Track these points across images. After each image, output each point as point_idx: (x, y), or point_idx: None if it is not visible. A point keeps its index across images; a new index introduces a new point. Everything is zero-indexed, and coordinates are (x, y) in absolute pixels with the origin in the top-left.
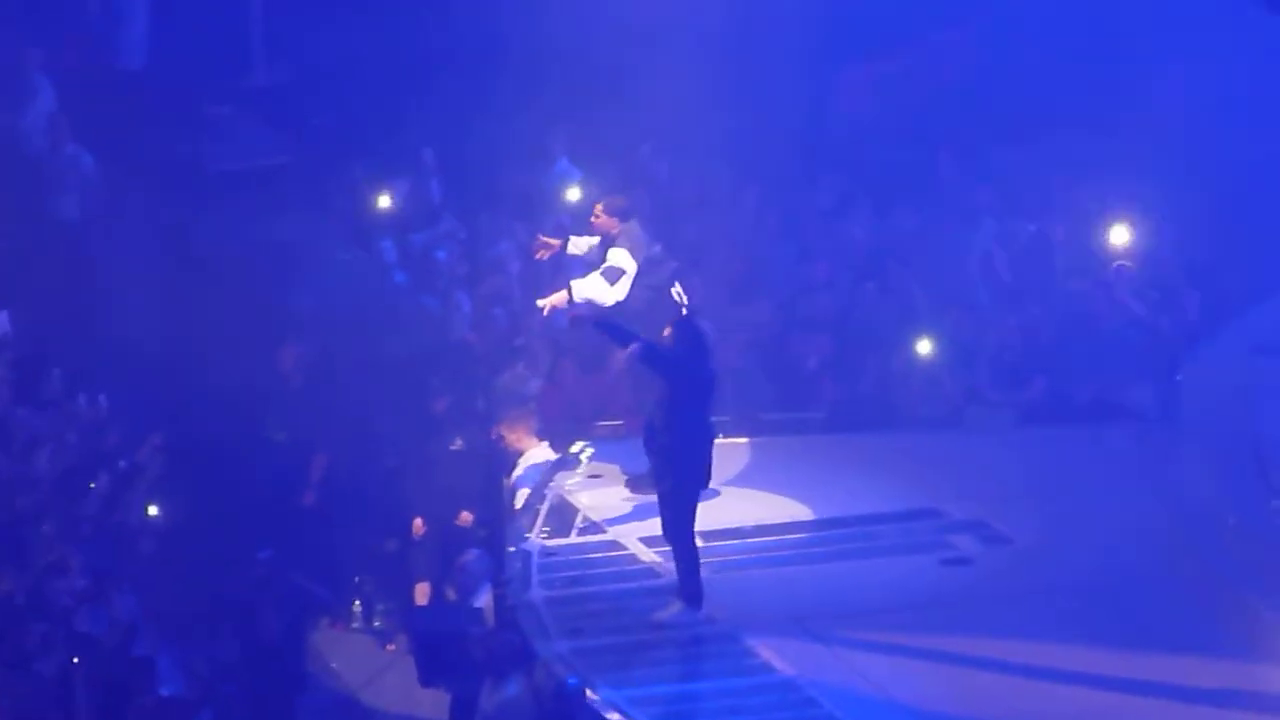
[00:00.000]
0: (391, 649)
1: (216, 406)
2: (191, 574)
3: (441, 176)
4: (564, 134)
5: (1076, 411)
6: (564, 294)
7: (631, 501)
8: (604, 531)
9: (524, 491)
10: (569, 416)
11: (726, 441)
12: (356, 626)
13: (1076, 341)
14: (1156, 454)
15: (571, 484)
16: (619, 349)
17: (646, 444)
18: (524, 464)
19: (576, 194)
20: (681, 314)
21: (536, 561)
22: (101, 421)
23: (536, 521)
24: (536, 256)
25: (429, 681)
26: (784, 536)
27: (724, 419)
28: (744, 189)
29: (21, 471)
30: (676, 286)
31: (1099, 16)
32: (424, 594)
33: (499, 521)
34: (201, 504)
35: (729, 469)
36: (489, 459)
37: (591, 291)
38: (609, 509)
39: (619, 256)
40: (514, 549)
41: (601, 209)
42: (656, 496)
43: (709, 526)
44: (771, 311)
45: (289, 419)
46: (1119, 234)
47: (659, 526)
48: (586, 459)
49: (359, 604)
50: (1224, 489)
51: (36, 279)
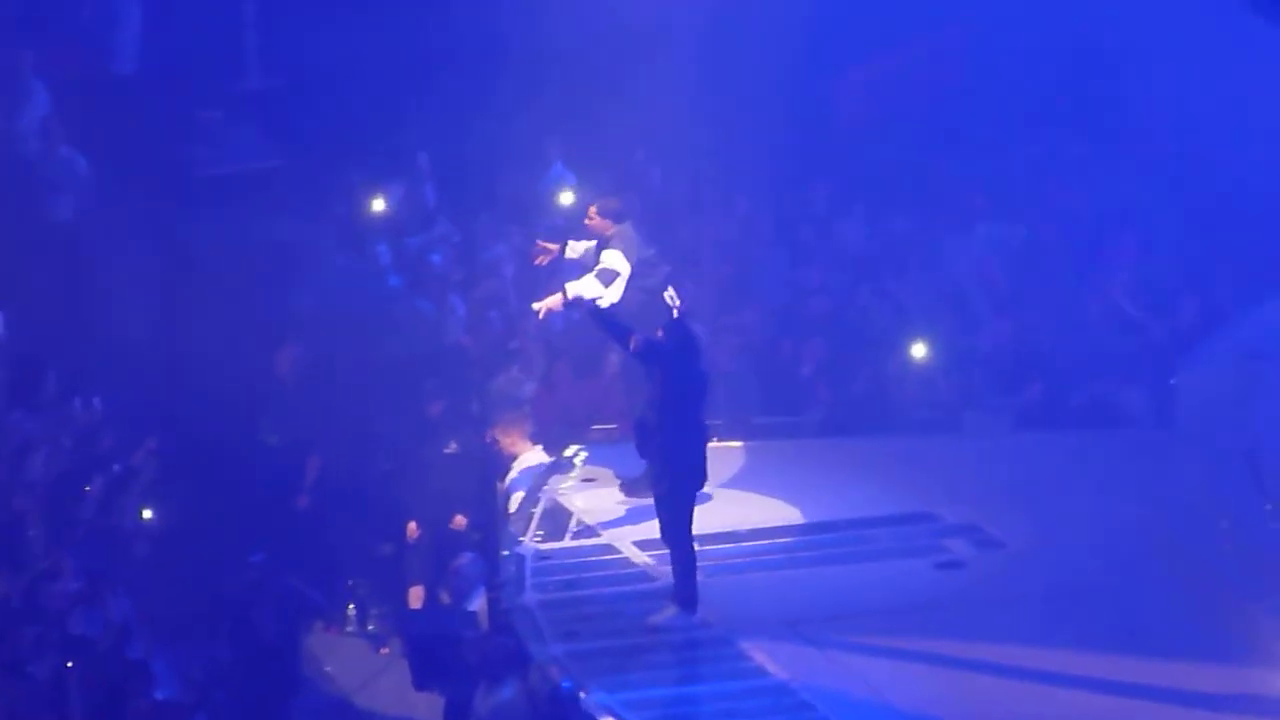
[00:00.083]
0: (386, 652)
1: (211, 409)
2: (186, 577)
3: (436, 180)
4: (559, 138)
5: (1071, 415)
6: (559, 297)
7: (625, 505)
8: (598, 535)
9: (518, 495)
10: (563, 420)
11: (720, 445)
12: (351, 630)
13: (1071, 346)
14: (1151, 458)
15: (566, 487)
16: (616, 343)
17: (640, 445)
18: (518, 468)
19: (570, 198)
20: (673, 316)
21: (530, 565)
22: (96, 424)
23: (530, 525)
24: (535, 262)
25: (423, 685)
26: (778, 540)
27: (717, 423)
28: (737, 193)
29: (16, 475)
30: (669, 290)
31: (1091, 20)
32: (418, 597)
33: (493, 525)
34: (196, 507)
35: (723, 473)
36: (483, 462)
37: (587, 293)
38: (603, 512)
39: (613, 258)
40: (508, 553)
41: (595, 211)
42: (653, 499)
43: (703, 530)
44: (765, 315)
45: (283, 422)
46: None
47: (653, 530)
48: (580, 463)
49: (353, 607)
50: (1218, 493)
51: (31, 282)
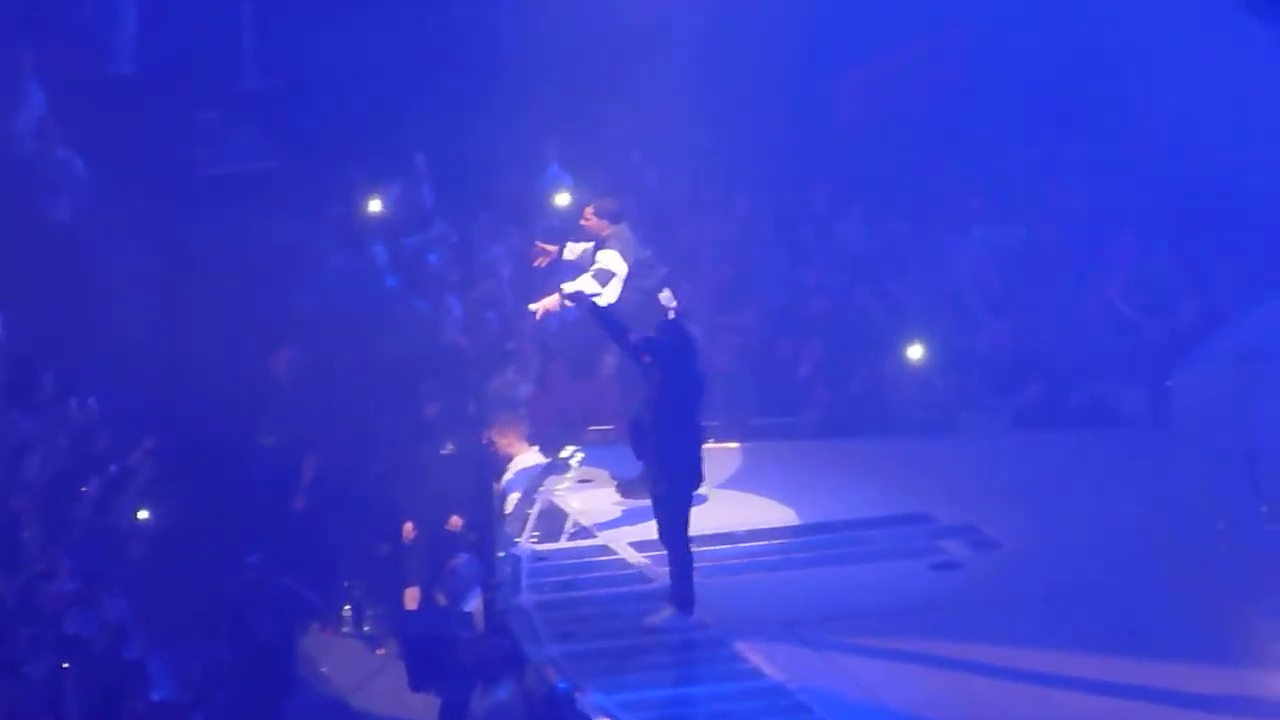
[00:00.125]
0: (382, 653)
1: (208, 410)
2: (183, 577)
3: (434, 181)
4: (556, 139)
5: (1068, 416)
6: (556, 297)
7: (621, 506)
8: (594, 536)
9: (514, 496)
10: (559, 421)
11: (717, 446)
12: (347, 630)
13: (1068, 346)
14: (1148, 459)
15: (562, 488)
16: (614, 341)
17: (635, 445)
18: (514, 468)
19: (567, 199)
20: (669, 317)
21: (526, 566)
22: (93, 425)
23: (526, 526)
24: (534, 264)
25: (419, 686)
26: (775, 541)
27: (715, 424)
28: (735, 194)
29: (12, 475)
30: (665, 291)
31: (1089, 21)
32: (414, 598)
33: (489, 526)
34: (193, 507)
35: (720, 473)
36: (479, 463)
37: (584, 290)
38: (599, 513)
39: (609, 258)
40: (504, 553)
41: (592, 211)
42: (651, 500)
43: (700, 531)
44: (763, 316)
45: (280, 422)
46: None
47: (650, 531)
48: (576, 463)
49: (349, 608)
50: (1215, 494)
51: (27, 282)
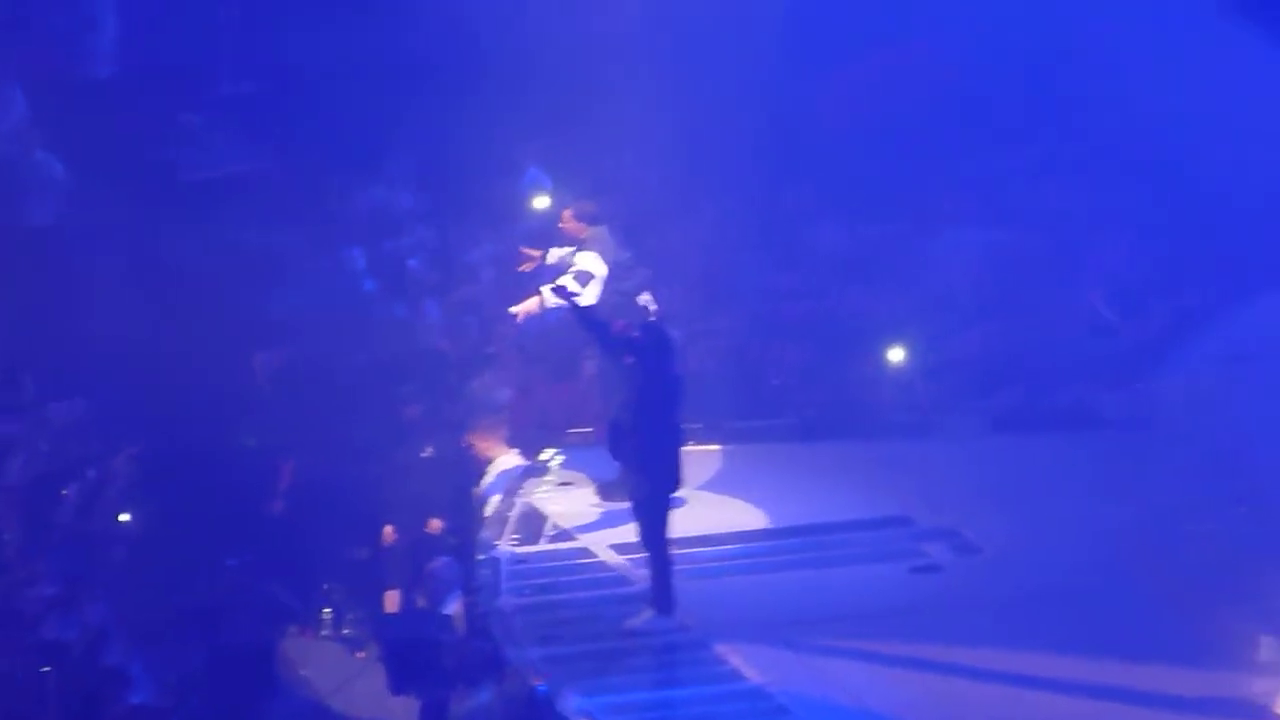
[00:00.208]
0: (362, 656)
1: (187, 413)
2: (162, 581)
3: (414, 185)
4: (535, 143)
5: (1048, 418)
6: (536, 300)
7: (601, 509)
8: (574, 539)
9: (494, 499)
10: (539, 424)
11: (697, 449)
12: (327, 633)
13: (1048, 349)
14: (1127, 461)
15: (541, 491)
16: (597, 339)
17: (612, 447)
18: (494, 472)
19: (546, 202)
20: (649, 321)
21: (506, 569)
22: (73, 428)
23: (506, 529)
24: (520, 269)
25: (400, 688)
26: (756, 544)
27: (695, 426)
28: (714, 197)
29: None
30: (645, 294)
31: (1069, 25)
32: (394, 601)
33: (469, 529)
34: (172, 511)
35: (700, 476)
36: (459, 466)
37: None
38: (579, 516)
39: (588, 260)
40: (484, 556)
41: (570, 215)
42: (630, 503)
43: (681, 534)
44: (743, 319)
45: (260, 426)
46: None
47: (630, 534)
48: (556, 466)
49: (329, 611)
50: (1192, 495)
51: (6, 285)
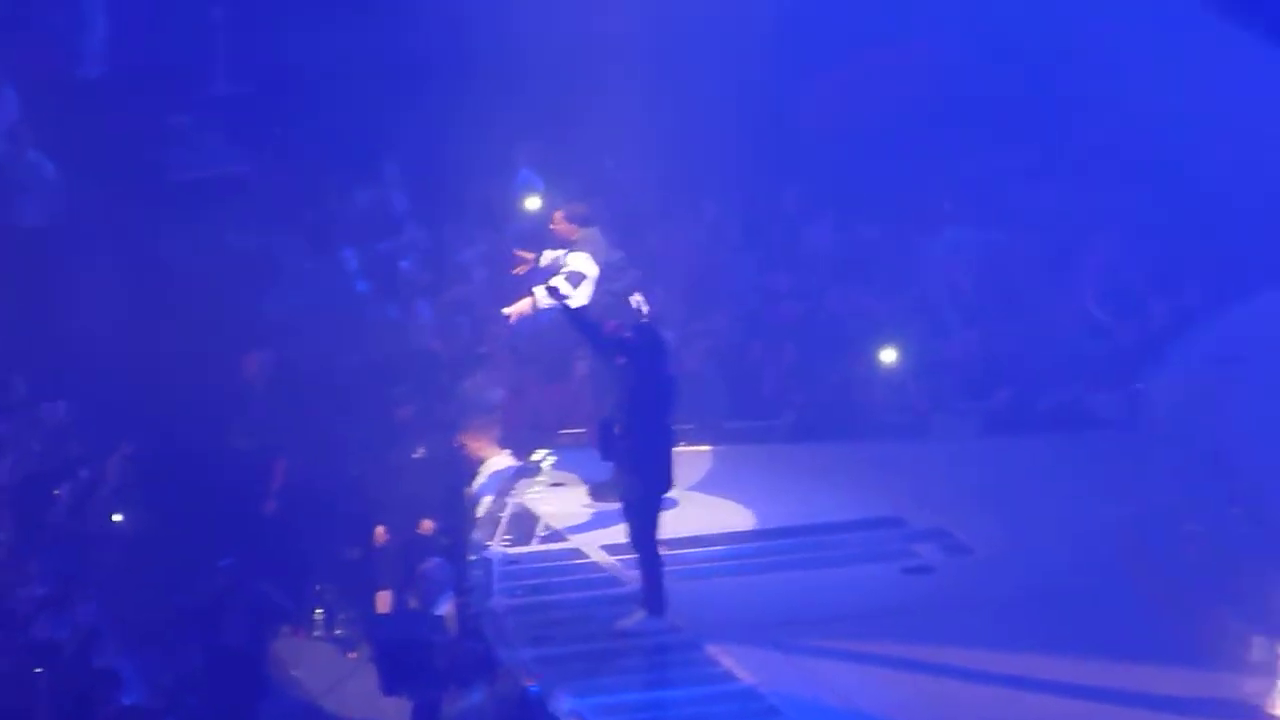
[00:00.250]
0: (354, 657)
1: (179, 413)
2: (154, 581)
3: (406, 185)
4: (527, 144)
5: (1040, 420)
6: (529, 301)
7: (593, 509)
8: (566, 539)
9: (486, 500)
10: (531, 425)
11: (689, 449)
12: (319, 634)
13: (1040, 349)
14: (1120, 462)
15: (533, 492)
16: (589, 340)
17: (602, 447)
18: (486, 472)
19: (537, 203)
20: (641, 322)
21: (498, 570)
22: (65, 428)
23: (498, 530)
24: (514, 272)
25: (391, 689)
26: (747, 545)
27: (687, 427)
28: (705, 198)
29: None
30: (637, 295)
31: (1063, 25)
32: (386, 602)
33: (461, 530)
34: (164, 511)
35: (691, 477)
36: (451, 467)
37: (560, 289)
38: (571, 517)
39: (580, 261)
40: (476, 557)
41: (561, 216)
42: (621, 504)
43: (672, 534)
44: (734, 320)
45: (252, 427)
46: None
47: (621, 534)
48: (548, 467)
49: (321, 612)
50: (1186, 496)
51: None
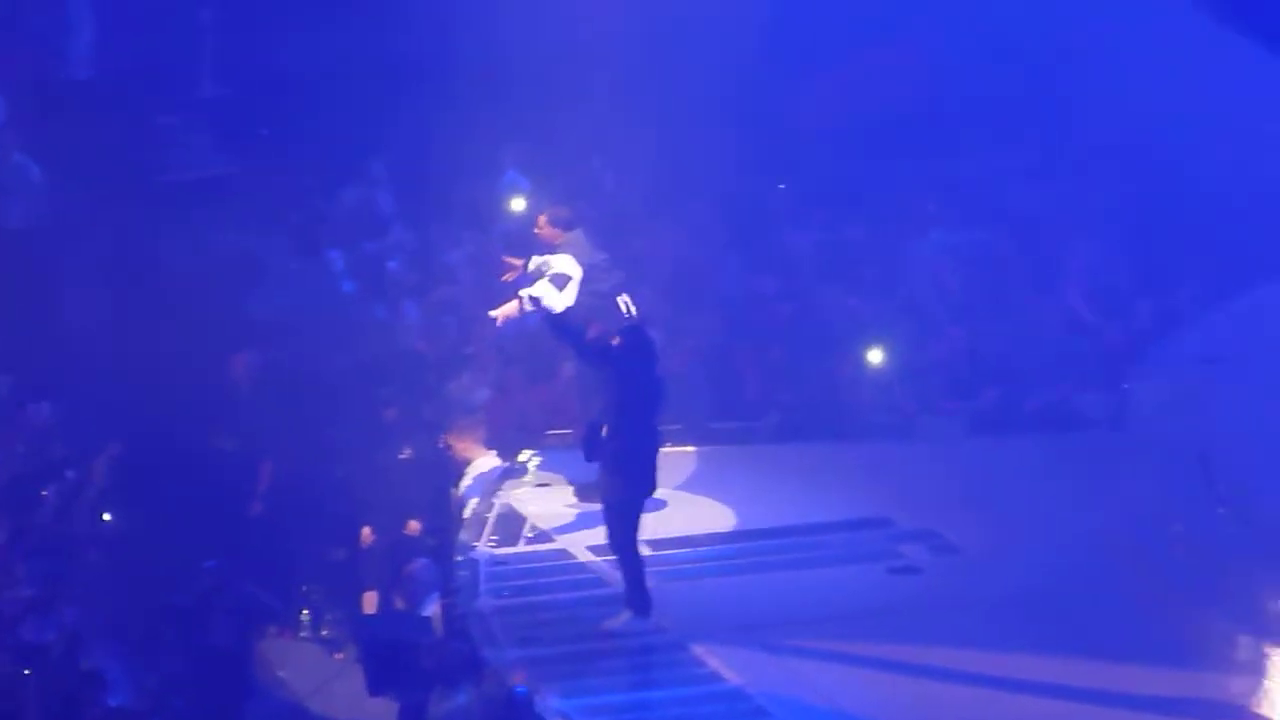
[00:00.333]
0: (340, 657)
1: (165, 415)
2: (140, 582)
3: (393, 186)
4: (514, 145)
5: (1027, 420)
6: (515, 304)
7: (579, 510)
8: (552, 540)
9: (472, 500)
10: (517, 426)
11: (675, 450)
12: (305, 635)
13: (1026, 350)
14: (1106, 462)
15: (520, 493)
16: (572, 348)
17: (586, 449)
18: (472, 473)
19: (523, 204)
20: (628, 323)
21: (485, 570)
22: (50, 430)
23: (485, 530)
24: (503, 279)
25: (378, 690)
26: (734, 545)
27: (673, 428)
28: (692, 199)
29: None
30: (624, 296)
31: (1052, 27)
32: (372, 603)
33: (447, 531)
34: (150, 512)
35: (678, 477)
36: (437, 468)
37: (542, 298)
38: (557, 518)
39: (564, 262)
40: (462, 558)
41: (545, 220)
42: (603, 505)
43: (659, 535)
44: (721, 321)
45: (238, 428)
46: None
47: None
48: (534, 468)
49: (307, 612)
50: (1171, 497)
51: None
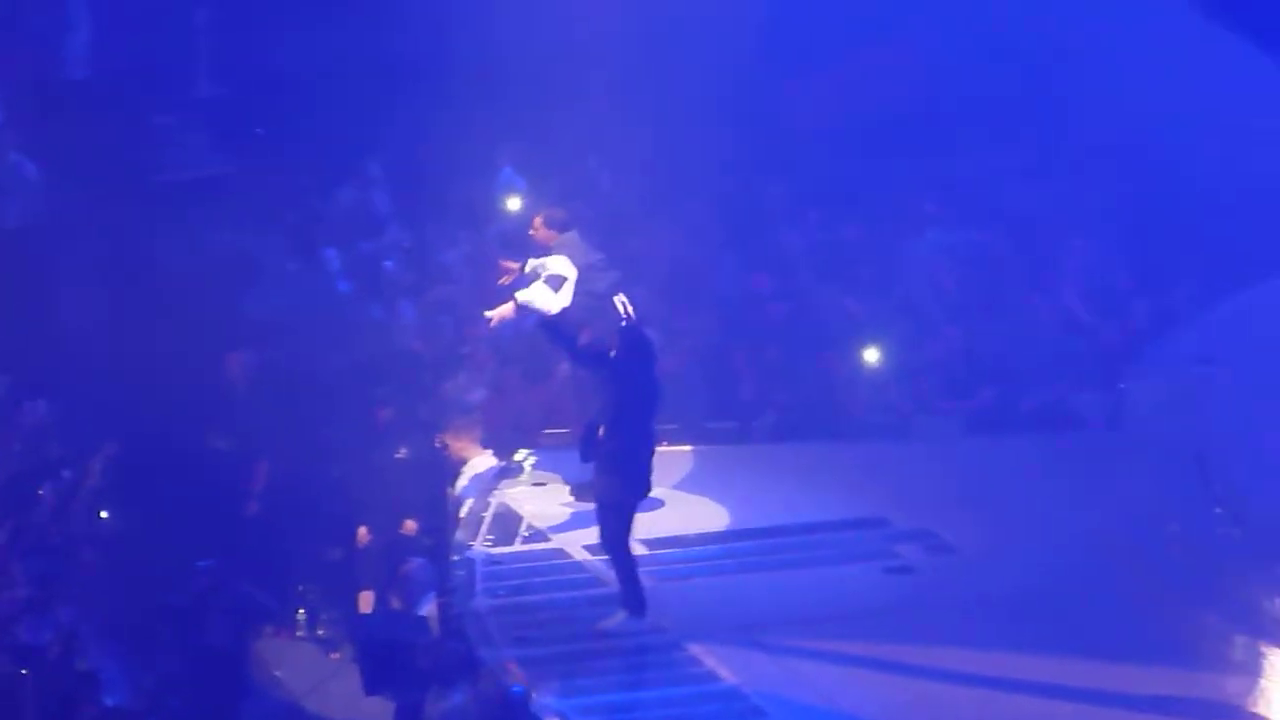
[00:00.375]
0: (336, 657)
1: (163, 414)
2: (136, 582)
3: (389, 186)
4: (510, 144)
5: (1023, 420)
6: (510, 306)
7: (575, 509)
8: (548, 540)
9: (469, 500)
10: (514, 425)
11: (671, 449)
12: (301, 634)
13: (1023, 350)
14: (1102, 462)
15: (516, 492)
16: (566, 353)
17: (584, 451)
18: (468, 472)
19: (519, 203)
20: (625, 323)
21: (481, 570)
22: (46, 430)
23: (481, 530)
24: (499, 283)
25: (374, 690)
26: (729, 545)
27: (669, 427)
28: (688, 199)
29: None
30: (620, 296)
31: (1048, 27)
32: (368, 602)
33: (443, 530)
34: (146, 512)
35: (674, 477)
36: (434, 467)
37: (537, 300)
38: (553, 517)
39: (559, 264)
40: (458, 557)
41: (540, 222)
42: (595, 506)
43: (655, 535)
44: (717, 320)
45: (234, 427)
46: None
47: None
48: (530, 467)
49: (304, 612)
50: (1167, 497)
51: None
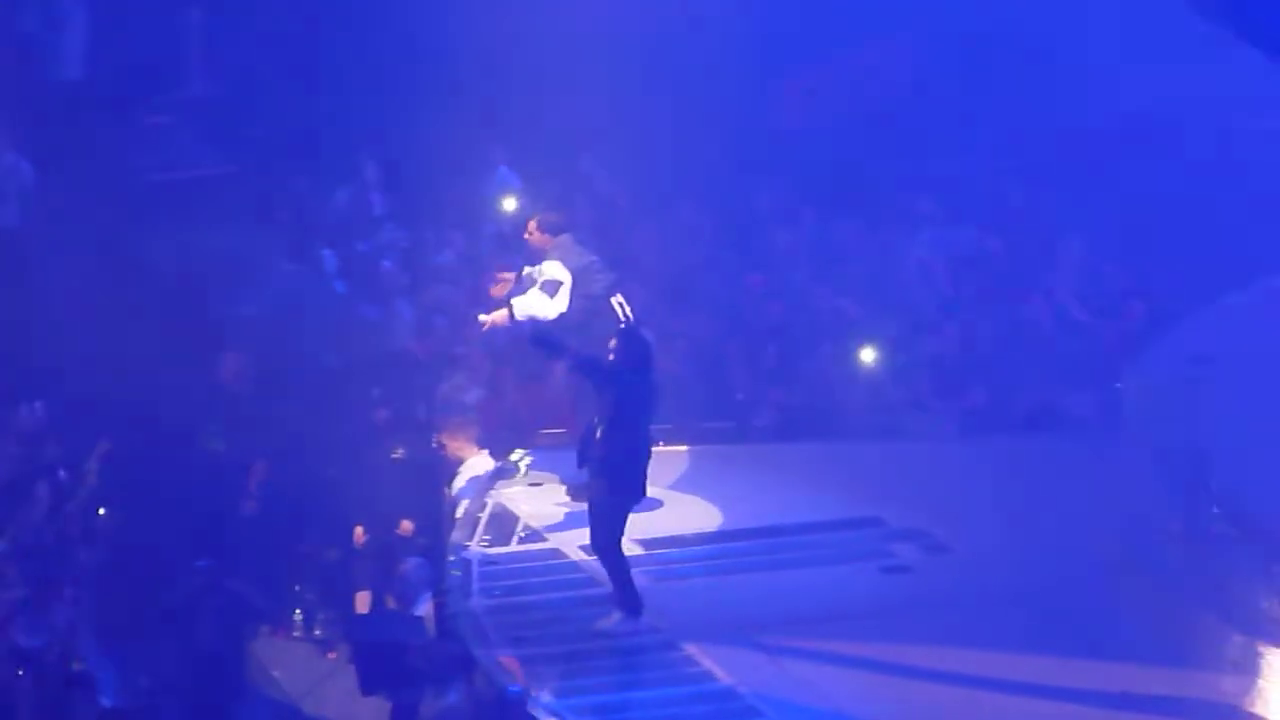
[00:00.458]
0: (332, 657)
1: (158, 415)
2: (131, 583)
3: (383, 185)
4: (505, 143)
5: (1017, 419)
6: (505, 312)
7: (571, 509)
8: (544, 540)
9: (465, 500)
10: (510, 425)
11: (667, 449)
12: (297, 635)
13: (1018, 349)
14: (1097, 462)
15: (512, 492)
16: (555, 362)
17: (581, 453)
18: (465, 473)
19: (514, 203)
20: (623, 325)
21: (477, 570)
22: (41, 430)
23: (477, 530)
24: (493, 293)
25: (370, 690)
26: (725, 545)
27: (665, 427)
28: (683, 197)
29: None
30: (618, 297)
31: (1038, 25)
32: (365, 602)
33: (439, 530)
34: (141, 512)
35: (670, 477)
36: (430, 468)
37: (534, 307)
38: (549, 517)
39: (553, 268)
40: (454, 558)
41: (534, 226)
42: (588, 506)
43: (651, 534)
44: (712, 319)
45: (229, 428)
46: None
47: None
48: (526, 467)
49: (300, 612)
50: (1164, 496)
51: None
